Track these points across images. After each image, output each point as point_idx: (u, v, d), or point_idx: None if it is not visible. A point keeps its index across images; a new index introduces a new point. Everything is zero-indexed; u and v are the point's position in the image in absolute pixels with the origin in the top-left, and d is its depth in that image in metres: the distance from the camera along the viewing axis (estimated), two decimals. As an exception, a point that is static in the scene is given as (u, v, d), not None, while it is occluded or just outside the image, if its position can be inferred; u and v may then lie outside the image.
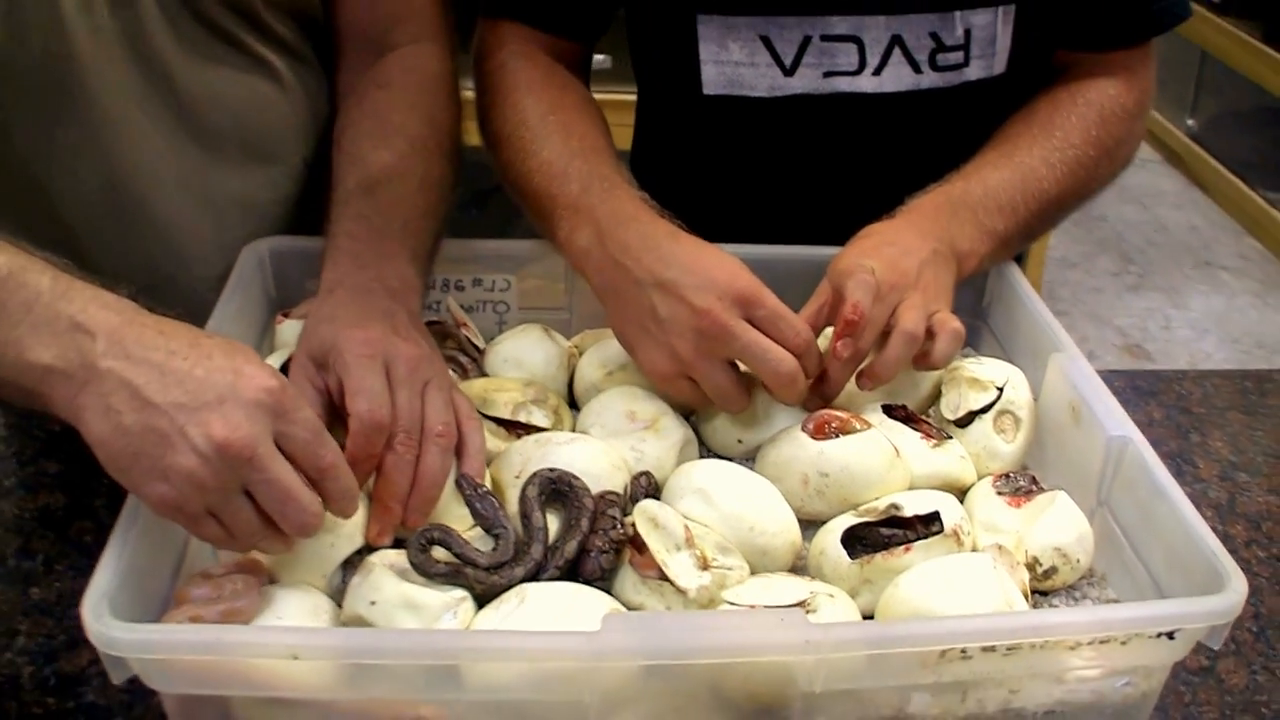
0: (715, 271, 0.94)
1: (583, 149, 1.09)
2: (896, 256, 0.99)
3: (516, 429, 0.96)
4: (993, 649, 0.73)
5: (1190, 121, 4.52)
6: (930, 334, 0.96)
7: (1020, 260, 1.20)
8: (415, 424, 0.86)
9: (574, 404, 1.06)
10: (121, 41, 1.05)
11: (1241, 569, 0.77)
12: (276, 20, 1.14)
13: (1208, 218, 4.22)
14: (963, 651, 0.73)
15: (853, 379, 0.98)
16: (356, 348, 0.87)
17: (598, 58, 1.31)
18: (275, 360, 0.96)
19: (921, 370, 1.00)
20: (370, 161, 1.04)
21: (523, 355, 1.06)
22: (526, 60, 1.18)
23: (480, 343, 1.08)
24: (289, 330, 1.03)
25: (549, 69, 1.19)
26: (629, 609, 0.80)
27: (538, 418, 0.97)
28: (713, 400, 0.97)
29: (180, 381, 0.74)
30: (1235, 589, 0.76)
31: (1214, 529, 0.81)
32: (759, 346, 0.92)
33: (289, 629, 0.76)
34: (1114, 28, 1.18)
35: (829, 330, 0.99)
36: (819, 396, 0.98)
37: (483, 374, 1.05)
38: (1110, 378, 0.99)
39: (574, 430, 0.99)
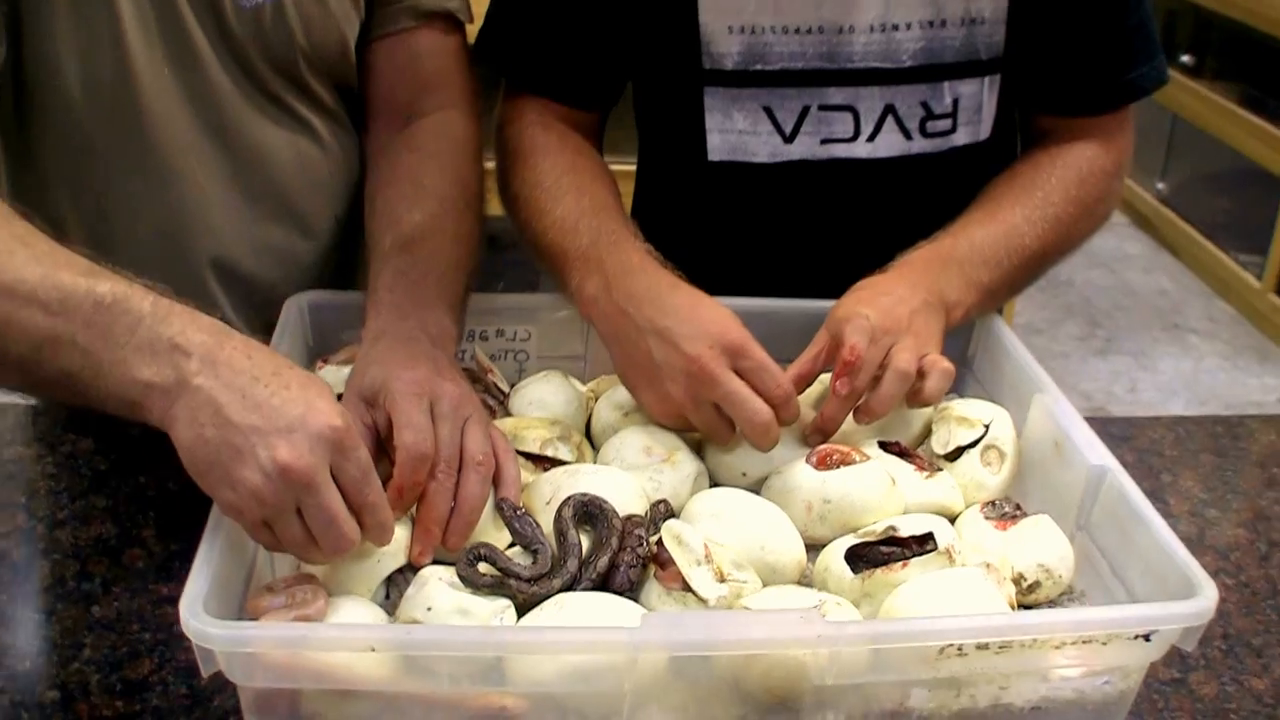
0: (708, 323, 1.05)
1: (593, 206, 1.20)
2: (890, 305, 1.10)
3: (544, 462, 1.06)
4: (986, 647, 0.82)
5: (1160, 185, 4.68)
6: (921, 374, 1.06)
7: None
8: (455, 455, 0.95)
9: (591, 443, 1.15)
10: (185, 99, 1.17)
11: None
12: (319, 85, 1.26)
13: (1177, 280, 4.35)
14: (959, 649, 0.82)
15: (851, 416, 1.08)
16: (405, 387, 0.96)
17: None
18: (339, 373, 1.06)
19: (914, 407, 1.10)
20: (405, 221, 1.15)
21: (545, 398, 1.16)
22: (543, 128, 1.30)
23: (505, 387, 1.18)
24: (329, 375, 1.12)
25: (564, 135, 1.30)
26: (655, 618, 0.90)
27: (563, 452, 1.07)
28: (703, 434, 1.07)
29: (258, 406, 0.84)
30: (1207, 595, 0.86)
31: None
32: (739, 395, 1.02)
33: (366, 626, 0.86)
34: (1091, 95, 1.30)
35: (826, 376, 1.10)
36: (819, 432, 1.08)
37: (508, 415, 1.15)
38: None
39: (595, 464, 1.09)
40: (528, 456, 1.05)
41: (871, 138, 1.30)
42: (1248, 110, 4.07)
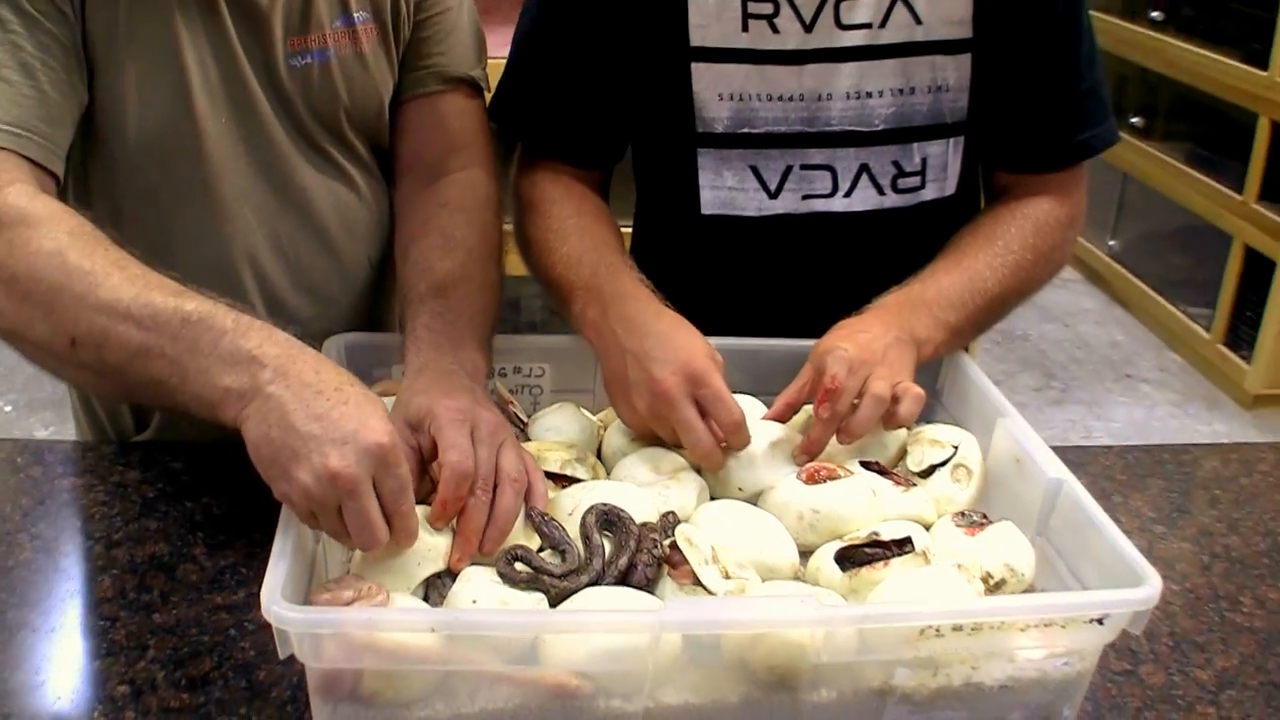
0: (679, 350, 1.19)
1: (594, 244, 1.36)
2: (867, 340, 1.24)
3: (564, 481, 1.18)
4: (960, 628, 0.95)
5: (1112, 242, 4.87)
6: (895, 399, 1.20)
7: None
8: (491, 473, 1.08)
9: (603, 465, 1.28)
10: (241, 145, 1.33)
11: (1160, 604, 1.00)
12: (357, 140, 1.42)
13: (1129, 333, 4.53)
14: (937, 630, 0.95)
15: (835, 438, 1.22)
16: (449, 414, 1.09)
17: None
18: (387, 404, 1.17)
19: (890, 429, 1.24)
20: (438, 269, 1.30)
21: (561, 426, 1.29)
22: (552, 182, 1.45)
23: (524, 417, 1.31)
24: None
25: (570, 187, 1.45)
26: (669, 611, 1.02)
27: (581, 472, 1.20)
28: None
29: (319, 417, 0.98)
30: (1152, 584, 0.99)
31: None
32: (688, 423, 1.17)
33: (425, 609, 0.99)
34: (1046, 154, 1.45)
35: (809, 407, 1.24)
36: (807, 453, 1.21)
37: (528, 440, 1.27)
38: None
39: (610, 481, 1.22)
40: (550, 476, 1.18)
41: (848, 193, 1.45)
42: (1194, 168, 4.28)
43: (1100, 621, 0.99)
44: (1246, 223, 3.91)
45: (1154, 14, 4.53)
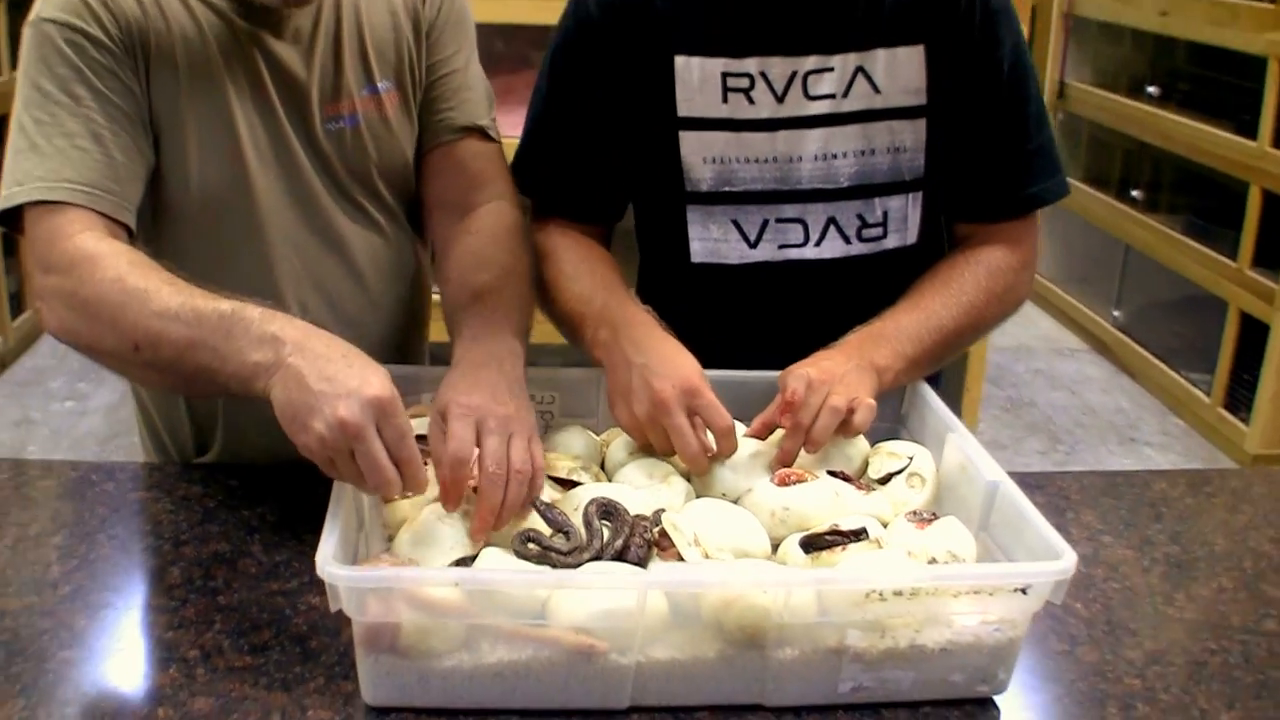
0: (678, 367, 1.42)
1: (604, 283, 1.59)
2: (828, 365, 1.45)
3: (570, 485, 1.39)
4: (900, 593, 1.15)
5: (1116, 312, 5.06)
6: (850, 410, 1.41)
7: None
8: (502, 460, 1.28)
9: (606, 476, 1.48)
10: (287, 199, 1.57)
11: (1100, 597, 1.23)
12: (387, 192, 1.66)
13: (1134, 400, 4.71)
14: (880, 595, 1.15)
15: (804, 450, 1.42)
16: (457, 409, 1.31)
17: None
18: (419, 425, 1.36)
19: (847, 437, 1.44)
20: (475, 281, 1.52)
21: (569, 443, 1.50)
22: (562, 235, 1.68)
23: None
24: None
25: (578, 239, 1.69)
26: (658, 585, 1.22)
27: (585, 478, 1.40)
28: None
29: (329, 378, 1.21)
30: (1068, 559, 1.17)
31: (1079, 571, 1.22)
32: (681, 429, 1.39)
33: (449, 569, 1.21)
34: (996, 206, 1.66)
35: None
36: (779, 462, 1.41)
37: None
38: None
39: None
40: (558, 480, 1.38)
41: (818, 243, 1.67)
42: (1191, 238, 4.48)
43: (1024, 591, 1.18)
44: (1241, 289, 4.11)
45: (1151, 89, 4.77)
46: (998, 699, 1.25)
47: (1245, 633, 1.38)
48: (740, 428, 1.46)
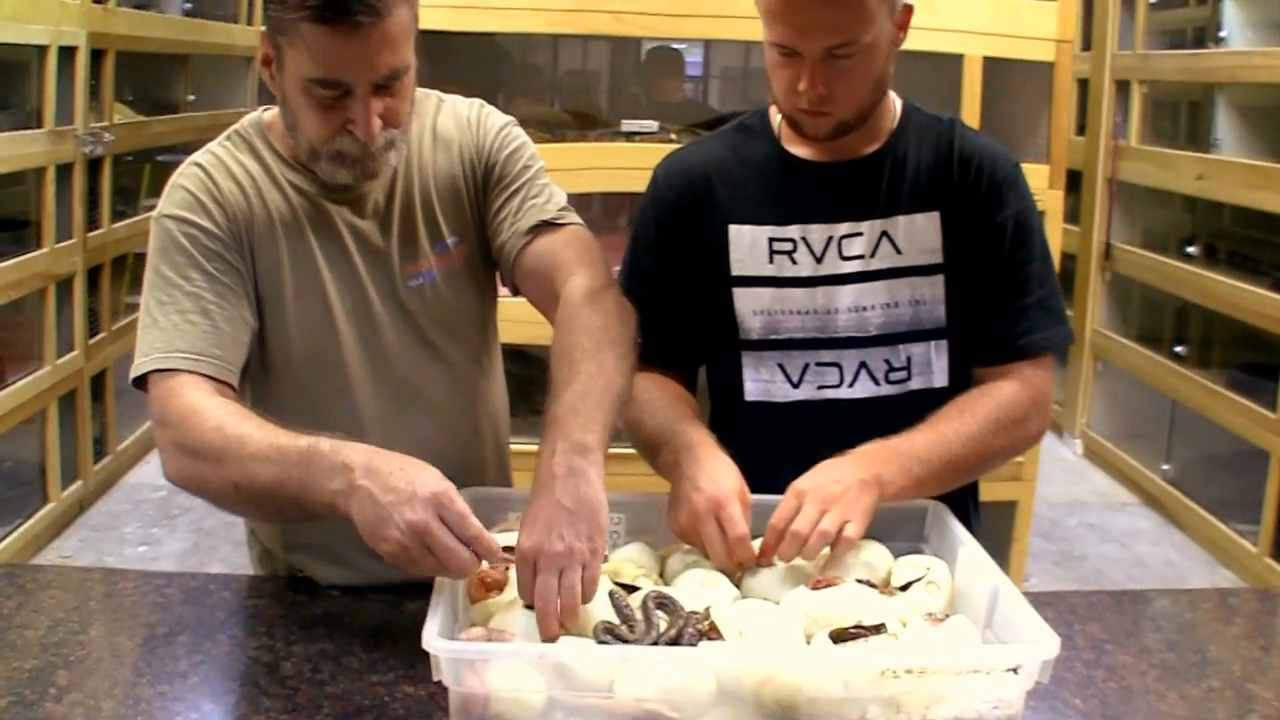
0: (714, 482, 1.71)
1: (677, 417, 1.89)
2: (827, 481, 1.72)
3: (633, 590, 1.64)
4: (910, 671, 1.39)
5: (1166, 467, 5.27)
6: (840, 531, 1.67)
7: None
8: (552, 593, 1.50)
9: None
10: (370, 350, 1.88)
11: (1098, 694, 1.51)
12: (465, 329, 1.96)
13: (1184, 552, 4.89)
14: (894, 672, 1.39)
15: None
16: (521, 555, 1.52)
17: None
18: (508, 538, 1.58)
19: (836, 551, 1.69)
20: (568, 349, 1.70)
21: (634, 556, 1.76)
22: (649, 380, 1.97)
23: (607, 552, 1.74)
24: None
25: (662, 381, 2.00)
26: (706, 669, 1.48)
27: (645, 583, 1.66)
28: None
29: (391, 489, 1.49)
30: (1051, 644, 1.42)
31: (1080, 670, 1.44)
32: (708, 536, 1.68)
33: (536, 644, 1.46)
34: (1001, 351, 1.94)
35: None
36: (764, 553, 1.68)
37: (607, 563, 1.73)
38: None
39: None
40: (624, 586, 1.64)
41: (851, 384, 1.96)
42: (1234, 392, 4.71)
43: (1015, 671, 1.42)
44: (1281, 440, 4.33)
45: (1190, 250, 5.05)
46: (1001, 773, 1.48)
47: (1229, 725, 1.61)
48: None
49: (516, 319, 2.09)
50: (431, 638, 1.37)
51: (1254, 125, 4.87)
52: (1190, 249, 5.09)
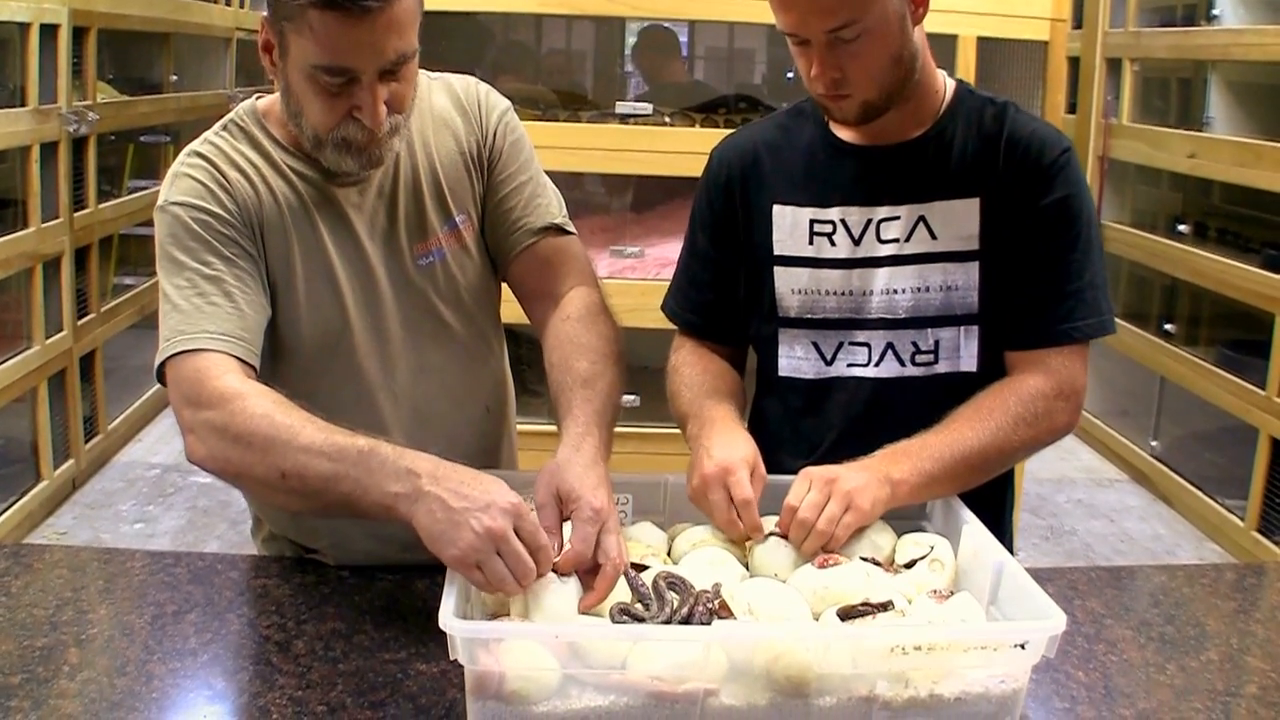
0: (726, 451, 1.76)
1: (709, 393, 1.97)
2: (840, 470, 1.74)
3: (642, 568, 1.67)
4: (919, 648, 1.42)
5: (1154, 443, 5.32)
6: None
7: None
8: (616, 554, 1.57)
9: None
10: (381, 331, 1.90)
11: (1099, 667, 1.54)
12: (474, 306, 1.98)
13: (1171, 527, 4.95)
14: (903, 649, 1.42)
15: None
16: (585, 512, 1.58)
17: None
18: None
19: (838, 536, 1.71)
20: (577, 369, 1.80)
21: (642, 536, 1.79)
22: (692, 353, 2.07)
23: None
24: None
25: (704, 355, 2.08)
26: (716, 645, 1.51)
27: (654, 563, 1.68)
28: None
29: (466, 496, 1.50)
30: (1058, 619, 1.45)
31: (1082, 644, 1.47)
32: (715, 503, 1.73)
33: (550, 625, 1.49)
34: (1032, 336, 1.93)
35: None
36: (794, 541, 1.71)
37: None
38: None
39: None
40: (633, 565, 1.66)
41: (878, 364, 1.99)
42: (1223, 369, 4.76)
43: (1023, 646, 1.45)
44: (1271, 416, 4.37)
45: (1181, 227, 5.09)
46: (1006, 745, 1.51)
47: (1228, 695, 1.64)
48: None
49: (504, 299, 2.10)
50: (447, 618, 1.39)
51: (1245, 103, 4.90)
52: (1181, 227, 5.14)
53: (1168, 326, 5.20)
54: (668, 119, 3.90)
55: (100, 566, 1.97)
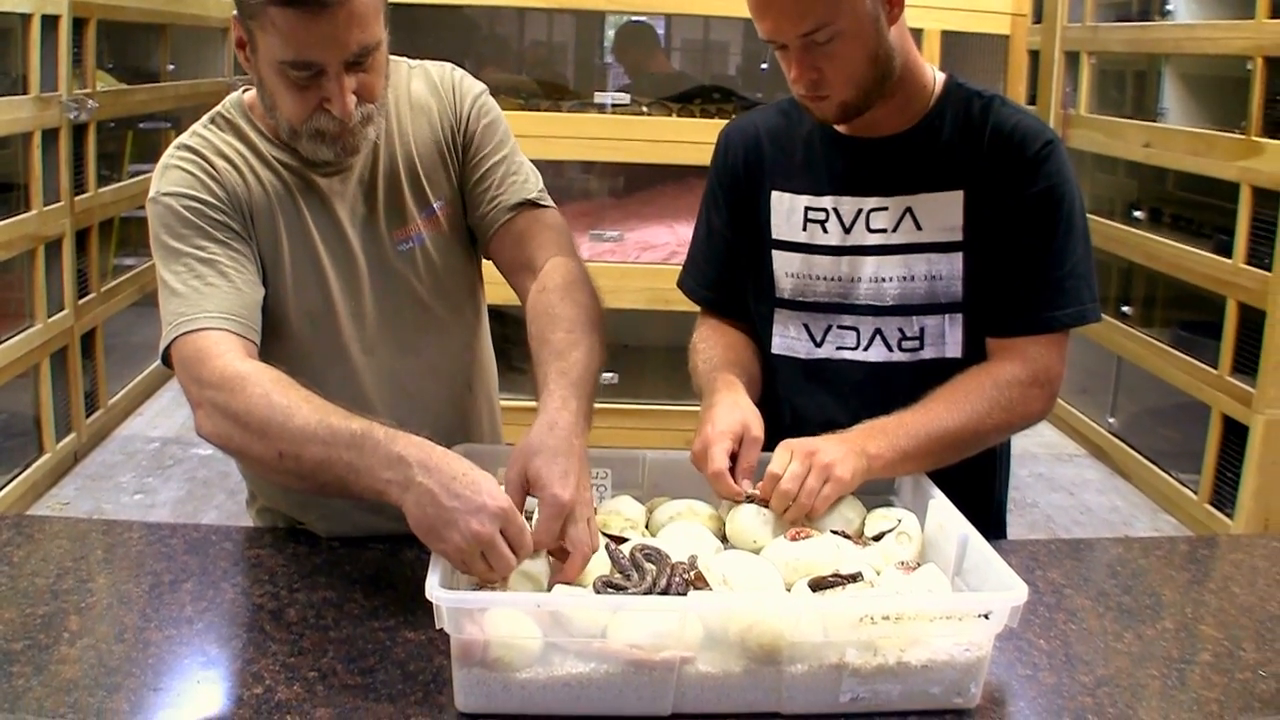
0: (722, 418, 1.77)
1: (721, 364, 1.99)
2: (819, 442, 1.74)
3: (621, 540, 1.66)
4: (887, 617, 1.42)
5: (1111, 419, 5.33)
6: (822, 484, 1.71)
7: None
8: (585, 542, 1.55)
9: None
10: (363, 314, 1.88)
11: (1059, 635, 1.55)
12: (452, 288, 1.97)
13: (1128, 500, 4.96)
14: (872, 619, 1.42)
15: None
16: (546, 508, 1.54)
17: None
18: None
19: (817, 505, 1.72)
20: (553, 341, 1.75)
21: (620, 508, 1.77)
22: (711, 329, 2.10)
23: (595, 504, 1.76)
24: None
25: (723, 329, 2.10)
26: (693, 615, 1.50)
27: (633, 535, 1.68)
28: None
29: (457, 495, 1.47)
30: (1020, 591, 1.45)
31: (1042, 613, 1.48)
32: (708, 461, 1.73)
33: (532, 595, 1.48)
34: (1011, 323, 1.92)
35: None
36: (776, 511, 1.71)
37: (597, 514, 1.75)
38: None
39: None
40: (611, 537, 1.65)
41: (866, 348, 1.99)
42: (1177, 349, 4.77)
43: (986, 616, 1.45)
44: (1222, 393, 4.39)
45: (1137, 214, 5.09)
46: (970, 710, 1.51)
47: (1183, 662, 1.64)
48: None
49: (492, 280, 2.07)
50: (434, 588, 1.38)
51: (1198, 95, 4.90)
52: (1136, 213, 5.13)
53: (1125, 308, 5.20)
54: (645, 109, 3.89)
55: (99, 537, 1.95)
